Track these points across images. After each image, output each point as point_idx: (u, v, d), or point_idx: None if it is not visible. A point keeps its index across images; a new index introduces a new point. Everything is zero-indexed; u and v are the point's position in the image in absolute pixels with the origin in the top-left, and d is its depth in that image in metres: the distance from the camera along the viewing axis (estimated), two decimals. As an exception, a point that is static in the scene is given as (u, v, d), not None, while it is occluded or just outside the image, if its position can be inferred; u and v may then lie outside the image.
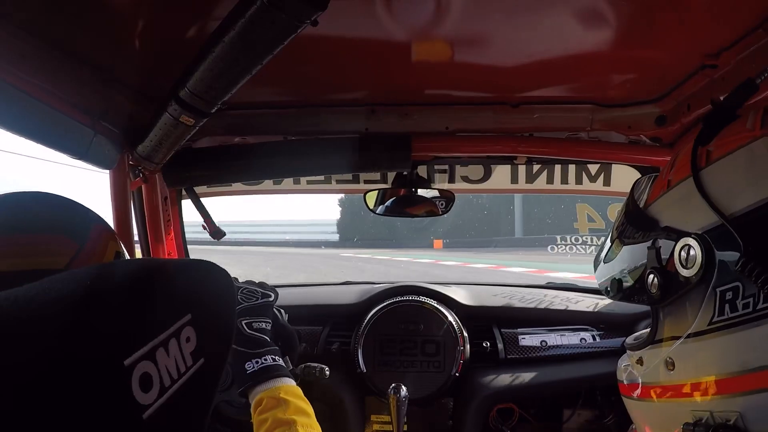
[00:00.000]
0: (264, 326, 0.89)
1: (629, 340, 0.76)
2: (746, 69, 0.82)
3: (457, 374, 1.38)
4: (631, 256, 0.68)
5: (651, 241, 0.63)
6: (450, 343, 1.40)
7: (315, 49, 0.88)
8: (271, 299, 0.94)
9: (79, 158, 0.95)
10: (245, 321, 0.87)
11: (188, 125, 0.88)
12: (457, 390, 1.40)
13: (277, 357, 0.84)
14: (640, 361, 0.69)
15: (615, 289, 0.72)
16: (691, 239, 0.56)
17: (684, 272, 0.57)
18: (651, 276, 0.62)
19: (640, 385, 0.69)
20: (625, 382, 0.74)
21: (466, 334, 1.42)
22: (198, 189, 1.37)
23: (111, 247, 0.57)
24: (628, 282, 0.69)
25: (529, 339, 1.47)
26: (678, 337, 0.60)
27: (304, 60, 0.93)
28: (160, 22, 0.79)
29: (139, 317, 0.40)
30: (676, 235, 0.59)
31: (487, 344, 1.44)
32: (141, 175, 1.19)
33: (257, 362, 0.81)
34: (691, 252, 0.56)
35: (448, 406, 1.42)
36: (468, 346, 1.41)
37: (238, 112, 1.21)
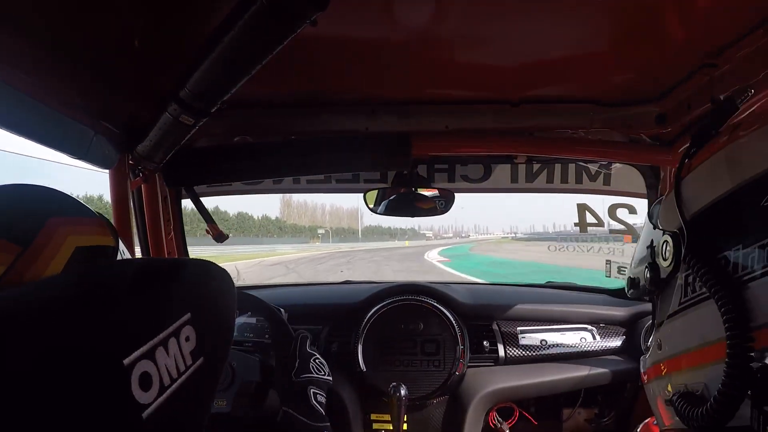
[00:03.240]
0: (324, 401, 0.93)
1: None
2: (746, 68, 0.82)
3: (456, 373, 1.38)
4: (641, 259, 0.78)
5: (650, 241, 0.73)
6: (450, 342, 1.40)
7: (315, 49, 0.88)
8: (331, 380, 0.98)
9: (79, 158, 0.96)
10: (313, 390, 0.92)
11: (188, 125, 0.88)
12: (457, 389, 1.40)
13: None
14: (647, 350, 0.77)
15: (629, 286, 0.80)
16: (667, 236, 0.66)
17: (663, 264, 0.67)
18: (646, 270, 0.71)
19: (647, 370, 0.77)
20: (641, 371, 0.81)
21: (466, 333, 1.42)
22: (198, 189, 1.37)
23: (69, 242, 0.46)
24: (638, 280, 0.78)
25: (529, 338, 1.47)
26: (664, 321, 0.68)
27: (305, 60, 0.93)
28: (160, 23, 0.79)
29: (138, 316, 0.40)
30: (662, 233, 0.68)
31: (486, 343, 1.44)
32: (141, 174, 1.19)
33: None
34: (668, 246, 0.66)
35: (448, 406, 1.42)
36: (468, 345, 1.41)
37: (238, 112, 1.21)
